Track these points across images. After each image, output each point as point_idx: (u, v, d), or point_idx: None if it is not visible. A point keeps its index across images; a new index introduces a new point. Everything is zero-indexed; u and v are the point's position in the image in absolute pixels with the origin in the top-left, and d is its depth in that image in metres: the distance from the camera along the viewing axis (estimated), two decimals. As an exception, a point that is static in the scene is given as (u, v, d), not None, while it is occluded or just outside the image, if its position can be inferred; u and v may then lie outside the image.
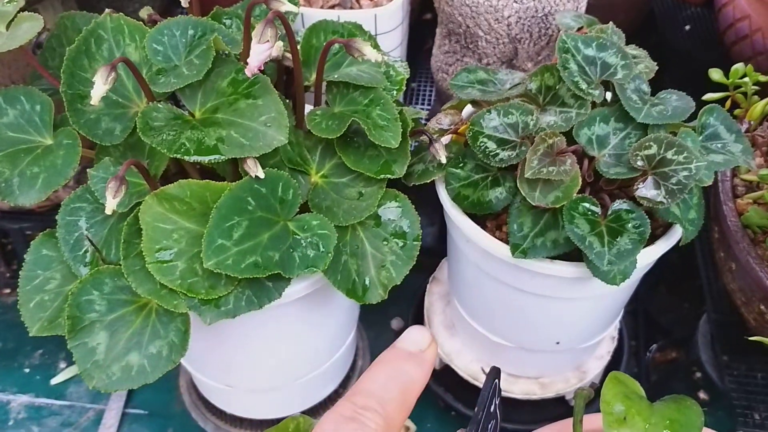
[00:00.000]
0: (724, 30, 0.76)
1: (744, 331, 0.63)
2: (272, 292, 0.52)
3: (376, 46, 0.64)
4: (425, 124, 0.62)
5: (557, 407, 0.73)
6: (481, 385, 0.71)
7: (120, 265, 0.51)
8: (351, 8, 0.72)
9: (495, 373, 0.37)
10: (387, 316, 0.87)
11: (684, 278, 0.82)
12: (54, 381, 0.81)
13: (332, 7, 0.71)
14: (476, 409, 0.35)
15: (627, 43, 0.58)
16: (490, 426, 0.37)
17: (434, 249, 0.81)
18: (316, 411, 0.76)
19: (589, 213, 0.51)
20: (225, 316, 0.51)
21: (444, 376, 0.75)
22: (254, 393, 0.71)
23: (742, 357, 0.67)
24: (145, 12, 0.62)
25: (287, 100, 0.58)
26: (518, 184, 0.52)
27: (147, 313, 0.53)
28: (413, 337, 0.31)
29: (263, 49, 0.48)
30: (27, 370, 0.82)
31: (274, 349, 0.65)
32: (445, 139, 0.59)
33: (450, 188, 0.56)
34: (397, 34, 0.73)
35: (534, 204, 0.51)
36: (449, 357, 0.73)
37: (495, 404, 0.40)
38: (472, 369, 0.71)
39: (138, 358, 0.52)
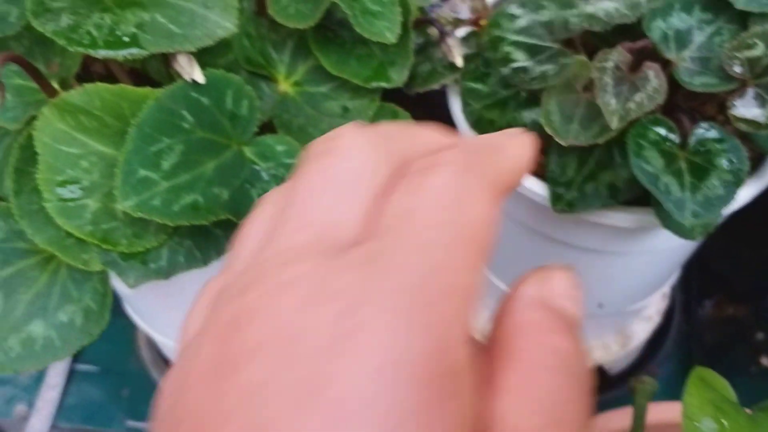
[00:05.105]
0: None
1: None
2: (222, 243, 0.39)
3: None
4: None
5: (594, 378, 0.60)
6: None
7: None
8: None
9: None
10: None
11: (753, 218, 0.67)
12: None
13: None
14: None
15: None
16: None
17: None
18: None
19: (664, 141, 0.36)
20: (156, 277, 0.38)
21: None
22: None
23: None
24: None
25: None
26: (542, 117, 0.36)
27: (55, 267, 0.40)
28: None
29: None
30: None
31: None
32: (462, 31, 0.44)
33: (469, 110, 0.42)
34: None
35: (568, 144, 0.36)
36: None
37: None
38: (489, 329, 0.58)
39: (43, 329, 0.39)
